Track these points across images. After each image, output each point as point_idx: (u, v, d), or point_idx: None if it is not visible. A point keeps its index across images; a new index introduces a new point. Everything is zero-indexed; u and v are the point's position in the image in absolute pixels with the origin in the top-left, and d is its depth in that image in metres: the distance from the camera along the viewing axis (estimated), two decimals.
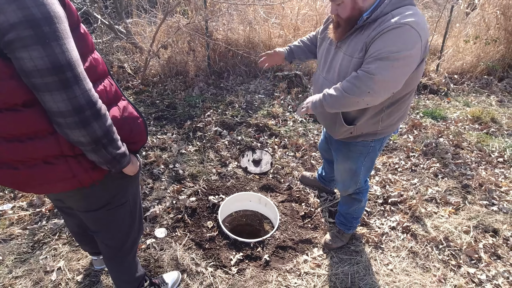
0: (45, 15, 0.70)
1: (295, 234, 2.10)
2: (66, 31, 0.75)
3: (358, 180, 1.75)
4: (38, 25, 0.68)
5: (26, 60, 0.69)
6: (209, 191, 2.42)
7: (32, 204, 2.23)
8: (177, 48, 4.27)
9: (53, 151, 0.87)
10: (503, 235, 2.11)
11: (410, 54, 1.20)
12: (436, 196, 2.43)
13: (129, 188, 1.20)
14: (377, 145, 1.63)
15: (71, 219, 1.44)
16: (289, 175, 2.64)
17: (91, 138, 0.82)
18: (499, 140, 3.16)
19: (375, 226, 2.19)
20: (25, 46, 0.68)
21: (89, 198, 1.09)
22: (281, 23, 4.50)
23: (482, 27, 4.81)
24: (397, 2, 1.25)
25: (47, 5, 0.71)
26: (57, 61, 0.71)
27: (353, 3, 1.29)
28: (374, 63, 1.23)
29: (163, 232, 2.07)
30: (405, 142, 3.12)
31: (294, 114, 2.92)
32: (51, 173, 0.90)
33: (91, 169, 0.96)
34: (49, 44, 0.70)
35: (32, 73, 0.71)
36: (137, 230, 1.35)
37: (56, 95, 0.73)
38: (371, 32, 1.27)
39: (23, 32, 0.67)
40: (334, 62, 1.47)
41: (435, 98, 4.15)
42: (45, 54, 0.70)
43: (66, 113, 0.76)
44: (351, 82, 1.29)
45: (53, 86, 0.72)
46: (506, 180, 2.63)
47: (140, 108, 3.54)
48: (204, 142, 2.99)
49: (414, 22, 1.19)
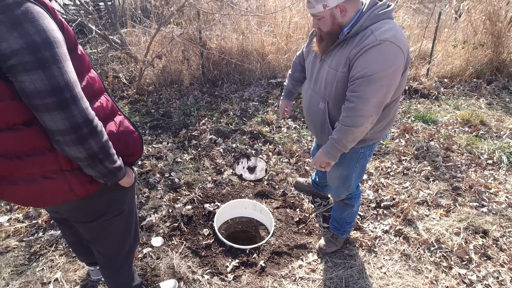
0: (45, 40, 0.74)
1: (290, 240, 2.13)
2: (65, 54, 0.79)
3: (350, 185, 1.79)
4: (38, 50, 0.73)
5: (27, 83, 0.73)
6: (204, 199, 2.45)
7: (28, 216, 2.24)
8: (172, 58, 4.33)
9: (51, 167, 0.91)
10: (492, 236, 2.16)
11: (394, 70, 1.28)
12: (428, 199, 2.49)
13: (125, 198, 1.23)
14: (367, 151, 1.68)
15: (67, 230, 1.47)
16: (284, 181, 2.68)
17: (87, 154, 0.85)
18: (488, 142, 3.24)
19: (368, 230, 2.23)
20: (26, 70, 0.72)
21: (85, 209, 1.12)
22: (273, 31, 4.58)
23: (470, 32, 4.93)
24: (375, 16, 1.32)
25: (47, 32, 0.75)
26: (56, 83, 0.75)
27: (333, 18, 1.36)
28: (363, 86, 1.29)
29: (160, 240, 2.09)
30: (397, 146, 3.18)
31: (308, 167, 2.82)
32: (50, 187, 0.94)
33: (88, 182, 1.00)
34: (49, 68, 0.74)
35: (32, 94, 0.75)
36: (133, 240, 1.38)
37: (55, 115, 0.77)
38: (353, 47, 1.33)
39: (24, 57, 0.71)
40: (320, 75, 1.53)
41: (426, 102, 4.24)
42: (45, 77, 0.74)
43: (64, 131, 0.79)
44: (351, 115, 1.35)
45: (52, 107, 0.76)
46: (495, 182, 2.69)
47: (135, 118, 3.57)
48: (199, 150, 3.02)
49: (393, 37, 1.25)
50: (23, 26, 0.71)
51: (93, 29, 3.90)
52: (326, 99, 1.51)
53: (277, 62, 4.53)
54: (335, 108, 1.50)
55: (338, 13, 1.35)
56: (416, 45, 5.16)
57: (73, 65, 0.83)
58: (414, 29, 5.45)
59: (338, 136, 1.42)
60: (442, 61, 4.97)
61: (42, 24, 0.74)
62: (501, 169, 2.85)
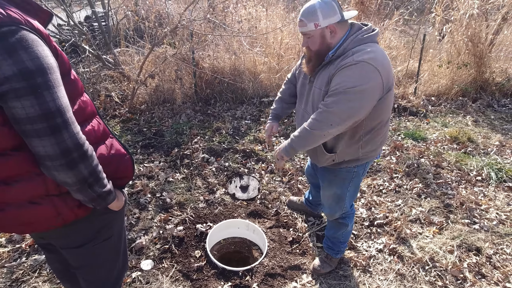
0: (38, 67, 0.74)
1: (284, 261, 2.09)
2: (58, 80, 0.79)
3: (343, 205, 1.79)
4: (31, 77, 0.73)
5: (18, 109, 0.73)
6: (196, 219, 2.40)
7: (11, 240, 2.15)
8: (165, 77, 4.37)
9: (39, 191, 0.89)
10: (485, 253, 2.16)
11: (365, 88, 1.32)
12: (420, 217, 2.49)
13: (114, 223, 1.20)
14: (360, 170, 1.69)
15: (52, 256, 1.41)
16: (277, 200, 2.66)
17: (77, 179, 0.84)
18: (477, 159, 3.30)
19: (362, 249, 2.20)
20: (18, 96, 0.72)
21: (72, 234, 1.09)
22: (265, 51, 4.69)
23: (454, 52, 5.14)
24: (358, 40, 1.38)
25: (41, 58, 0.75)
26: (47, 108, 0.75)
27: (322, 38, 1.43)
28: (331, 97, 1.36)
29: (150, 264, 2.03)
30: (388, 164, 3.21)
31: (275, 170, 3.04)
32: (37, 212, 0.91)
33: (76, 207, 0.97)
34: (41, 94, 0.74)
35: (23, 120, 0.74)
36: (121, 266, 1.33)
37: (45, 140, 0.76)
38: (334, 67, 1.39)
39: (16, 84, 0.71)
40: (309, 96, 1.58)
41: (414, 120, 4.34)
42: (37, 103, 0.73)
43: (54, 156, 0.78)
44: (313, 118, 1.42)
45: (43, 132, 0.75)
46: (485, 198, 2.72)
47: (127, 136, 3.55)
48: (191, 169, 3.00)
49: (371, 59, 1.31)
50: (17, 53, 0.72)
51: (87, 48, 3.93)
52: None
53: (269, 81, 4.61)
54: None
55: (328, 34, 1.42)
56: (403, 64, 5.34)
57: (66, 90, 0.83)
58: (400, 49, 5.66)
59: (297, 134, 1.50)
60: (429, 80, 5.14)
61: (36, 51, 0.74)
62: (490, 186, 2.89)
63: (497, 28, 5.01)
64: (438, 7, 5.17)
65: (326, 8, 1.37)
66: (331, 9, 1.37)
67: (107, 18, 4.63)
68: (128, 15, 4.23)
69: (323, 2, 1.37)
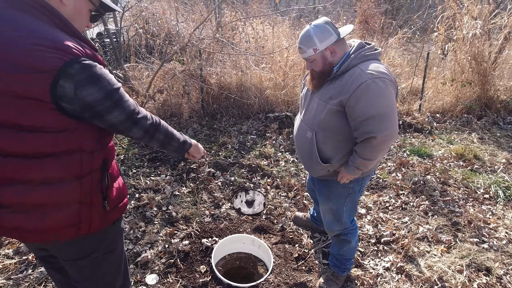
0: (112, 87, 0.97)
1: (289, 278, 2.06)
2: (122, 90, 1.02)
3: (341, 220, 1.79)
4: (112, 96, 0.97)
5: (112, 119, 0.98)
6: (202, 234, 2.40)
7: (19, 252, 2.17)
8: (173, 92, 4.46)
9: (73, 196, 1.00)
10: (495, 273, 2.11)
11: (393, 99, 1.42)
12: (428, 235, 2.46)
13: (119, 237, 1.23)
14: (356, 186, 1.71)
15: (52, 269, 1.40)
16: (282, 216, 2.65)
17: (144, 129, 1.07)
18: (484, 176, 3.28)
19: (369, 267, 2.17)
20: (109, 112, 0.97)
21: (77, 245, 1.11)
22: (271, 68, 4.79)
23: (457, 70, 5.19)
24: (362, 56, 1.46)
25: (111, 80, 0.97)
26: (129, 111, 1.02)
27: (324, 59, 1.50)
28: (371, 123, 1.40)
29: (154, 278, 2.02)
30: (394, 180, 3.20)
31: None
32: (62, 219, 0.99)
33: (97, 219, 1.06)
34: (121, 104, 0.99)
35: (117, 124, 1.01)
36: (122, 281, 1.33)
37: (133, 131, 1.07)
38: (344, 84, 1.44)
39: (106, 103, 0.95)
40: (310, 106, 1.64)
41: (420, 137, 4.34)
42: (121, 111, 0.99)
43: (140, 136, 1.09)
44: (372, 150, 1.47)
45: (130, 126, 1.04)
46: (494, 217, 2.69)
47: (134, 150, 3.60)
48: (197, 183, 3.02)
49: (383, 73, 1.40)
50: (99, 81, 0.93)
51: None
52: (314, 129, 1.58)
53: (274, 97, 4.68)
54: (323, 138, 1.57)
55: (328, 54, 1.49)
56: (408, 81, 5.40)
57: None
58: (404, 67, 5.74)
59: (363, 164, 1.54)
60: (433, 97, 5.17)
61: (108, 76, 0.96)
62: (498, 204, 2.86)
63: (500, 47, 5.07)
64: (441, 26, 5.28)
65: (320, 32, 1.44)
66: (325, 32, 1.44)
67: (118, 35, 4.80)
68: (140, 32, 4.37)
69: (316, 28, 1.45)
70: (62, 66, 0.85)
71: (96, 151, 1.03)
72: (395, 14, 8.44)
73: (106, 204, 1.09)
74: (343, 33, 1.48)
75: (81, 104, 0.90)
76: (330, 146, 1.58)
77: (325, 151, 1.59)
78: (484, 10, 4.83)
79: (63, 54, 0.86)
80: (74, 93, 0.88)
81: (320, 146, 1.59)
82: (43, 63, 0.84)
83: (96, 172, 1.04)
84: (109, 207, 1.10)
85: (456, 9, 5.07)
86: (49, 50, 0.85)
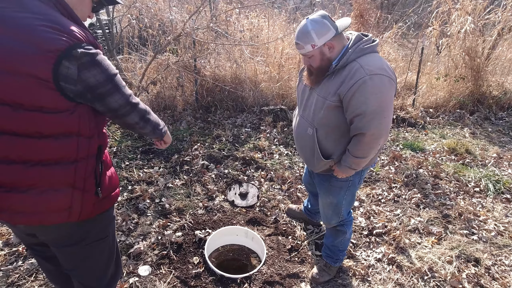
0: (112, 72, 1.00)
1: (282, 269, 2.08)
2: (119, 77, 1.05)
3: (340, 213, 1.80)
4: (112, 79, 1.00)
5: (113, 103, 1.01)
6: (195, 226, 2.39)
7: (8, 243, 2.14)
8: (166, 84, 4.41)
9: (68, 179, 1.00)
10: (484, 264, 2.15)
11: (389, 98, 1.40)
12: (419, 227, 2.49)
13: (110, 224, 1.22)
14: (356, 179, 1.71)
15: (43, 259, 1.39)
16: (276, 208, 2.66)
17: (140, 115, 1.11)
18: (475, 170, 3.33)
19: (361, 258, 2.20)
20: (109, 94, 1.00)
21: (67, 231, 1.09)
22: (266, 61, 4.76)
23: (451, 66, 5.23)
24: (360, 50, 1.42)
25: (110, 66, 1.01)
26: (127, 97, 1.05)
27: (322, 55, 1.45)
28: (364, 119, 1.39)
29: (147, 269, 2.01)
30: (387, 174, 3.23)
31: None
32: (54, 198, 0.99)
33: (91, 205, 1.07)
34: (120, 89, 1.03)
35: (118, 108, 1.03)
36: (114, 269, 1.33)
37: (131, 115, 1.09)
38: (343, 79, 1.41)
39: (107, 86, 0.98)
40: (309, 102, 1.61)
41: (413, 131, 4.38)
42: (121, 96, 1.02)
43: (137, 121, 1.12)
44: (360, 144, 1.46)
45: (129, 110, 1.07)
46: (484, 210, 2.73)
47: (127, 142, 3.56)
48: (191, 175, 3.00)
49: (383, 69, 1.37)
50: (101, 65, 0.96)
51: None
52: (314, 125, 1.57)
53: (269, 90, 4.66)
54: (324, 134, 1.56)
55: (327, 50, 1.44)
56: (402, 76, 5.42)
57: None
58: (399, 62, 5.75)
59: (355, 162, 1.54)
60: (427, 92, 5.21)
61: (108, 62, 1.00)
62: (488, 197, 2.91)
63: (493, 43, 5.11)
64: (436, 21, 5.29)
65: (318, 27, 1.38)
66: (323, 27, 1.38)
67: (111, 26, 4.70)
68: (132, 23, 4.29)
69: (314, 22, 1.38)
70: (67, 47, 0.87)
71: (93, 137, 1.04)
72: (390, 9, 8.43)
73: (99, 191, 1.08)
74: (341, 27, 1.42)
75: (84, 85, 0.93)
76: (331, 142, 1.57)
77: (327, 147, 1.58)
78: (478, 6, 4.85)
79: (69, 38, 0.88)
80: (78, 74, 0.90)
81: (321, 142, 1.58)
82: (48, 44, 0.86)
83: (92, 157, 1.05)
84: (102, 194, 1.10)
85: (451, 4, 5.08)
86: (55, 32, 0.87)
